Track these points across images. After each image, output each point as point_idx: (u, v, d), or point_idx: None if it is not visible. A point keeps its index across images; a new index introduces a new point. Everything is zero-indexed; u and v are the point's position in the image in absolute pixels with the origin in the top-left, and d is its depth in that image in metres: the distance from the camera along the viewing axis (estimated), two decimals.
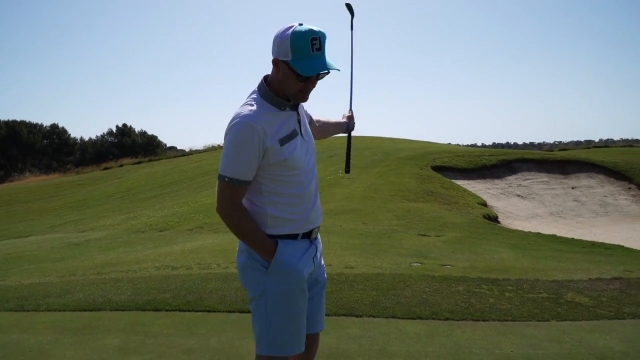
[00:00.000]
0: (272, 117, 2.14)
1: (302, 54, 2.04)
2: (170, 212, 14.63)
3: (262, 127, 2.08)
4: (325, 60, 2.09)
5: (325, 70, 2.09)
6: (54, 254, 9.69)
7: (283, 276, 2.20)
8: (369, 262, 6.91)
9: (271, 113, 2.15)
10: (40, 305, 5.30)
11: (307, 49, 2.04)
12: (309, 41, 2.03)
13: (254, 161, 2.09)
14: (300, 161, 2.21)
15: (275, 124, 2.14)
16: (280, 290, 2.20)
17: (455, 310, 4.74)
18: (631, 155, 22.66)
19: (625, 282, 5.85)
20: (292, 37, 2.03)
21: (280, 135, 2.14)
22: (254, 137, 2.06)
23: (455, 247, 8.44)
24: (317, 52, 2.06)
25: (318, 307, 2.44)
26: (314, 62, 2.06)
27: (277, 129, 2.14)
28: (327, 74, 2.17)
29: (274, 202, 2.20)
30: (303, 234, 2.28)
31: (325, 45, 2.10)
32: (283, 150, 2.13)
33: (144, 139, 63.52)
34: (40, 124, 62.81)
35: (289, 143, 2.15)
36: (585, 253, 8.46)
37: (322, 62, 2.08)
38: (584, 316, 4.64)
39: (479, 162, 18.40)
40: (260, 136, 2.07)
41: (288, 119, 2.20)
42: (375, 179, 15.90)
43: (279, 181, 2.18)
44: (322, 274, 2.46)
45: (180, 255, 7.97)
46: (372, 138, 29.82)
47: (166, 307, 4.99)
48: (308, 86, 2.14)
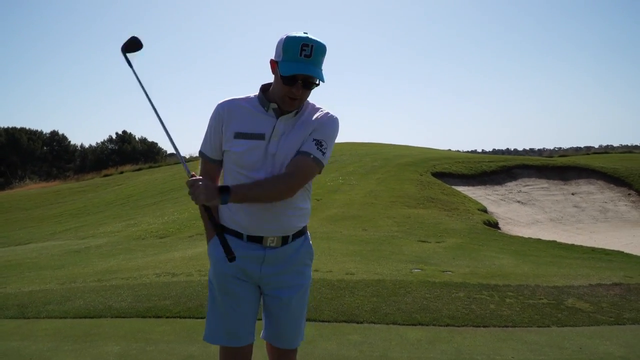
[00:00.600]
0: (247, 112, 2.22)
1: (291, 57, 2.08)
2: (170, 219, 14.63)
3: (227, 112, 2.22)
4: (311, 68, 2.09)
5: (301, 73, 2.08)
6: (54, 261, 9.69)
7: (212, 266, 2.35)
8: (370, 268, 6.91)
9: (249, 108, 2.23)
10: (40, 312, 5.30)
11: (296, 53, 2.07)
12: (300, 46, 2.07)
13: (213, 139, 2.26)
14: (247, 163, 2.19)
15: (244, 117, 2.21)
16: (210, 278, 2.37)
17: (456, 316, 4.74)
18: (631, 162, 22.68)
19: (625, 287, 5.85)
20: (285, 40, 2.10)
21: (240, 129, 2.20)
22: (216, 118, 2.24)
23: (456, 253, 8.44)
24: (304, 58, 2.07)
25: (277, 322, 2.34)
26: (296, 65, 2.08)
27: (242, 122, 2.20)
28: (316, 86, 2.16)
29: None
30: (248, 236, 2.26)
31: (319, 57, 2.10)
32: (233, 142, 2.20)
33: (144, 146, 63.57)
34: (40, 131, 62.93)
35: (243, 140, 2.19)
36: (586, 259, 8.46)
37: (305, 67, 2.08)
38: (584, 322, 4.64)
39: (479, 168, 18.41)
40: (221, 118, 2.22)
41: (262, 121, 2.21)
42: (375, 185, 15.91)
43: (229, 171, 2.27)
44: (284, 290, 2.30)
45: (181, 262, 7.97)
46: (372, 144, 29.86)
47: (167, 314, 4.99)
48: (293, 91, 2.12)
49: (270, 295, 2.32)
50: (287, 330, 2.35)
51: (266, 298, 2.35)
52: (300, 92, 2.12)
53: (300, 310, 2.37)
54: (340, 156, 22.57)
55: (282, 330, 2.35)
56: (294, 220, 2.28)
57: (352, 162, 20.87)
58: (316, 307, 4.96)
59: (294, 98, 2.14)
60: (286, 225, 2.27)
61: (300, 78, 2.11)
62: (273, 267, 2.28)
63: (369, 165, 19.67)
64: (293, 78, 2.10)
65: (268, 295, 2.33)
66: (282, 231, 2.27)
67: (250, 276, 2.29)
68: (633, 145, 46.34)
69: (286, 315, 2.32)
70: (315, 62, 2.09)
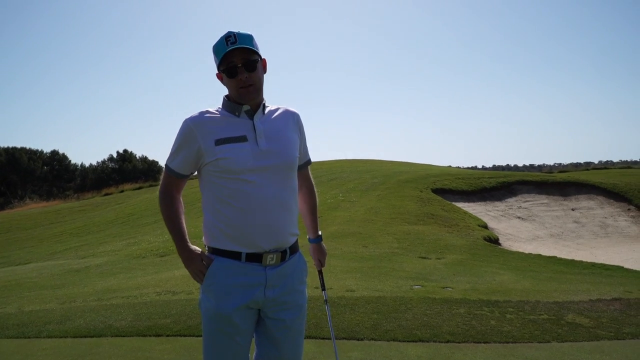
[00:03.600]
0: (219, 119, 2.21)
1: (219, 50, 2.19)
2: (170, 238, 14.60)
3: (199, 125, 2.18)
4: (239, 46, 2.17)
5: (231, 48, 2.14)
6: (54, 280, 9.67)
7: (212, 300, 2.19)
8: (370, 285, 6.91)
9: (220, 116, 2.23)
10: (41, 332, 5.30)
11: (223, 44, 2.18)
12: (224, 40, 2.17)
13: (185, 155, 2.22)
14: (239, 165, 2.13)
15: (218, 125, 2.19)
16: (207, 312, 2.20)
17: (457, 333, 4.74)
18: (630, 177, 22.70)
19: (625, 302, 5.85)
20: (213, 47, 2.22)
21: (218, 136, 2.16)
22: (187, 134, 2.19)
23: (456, 269, 8.43)
24: (231, 45, 2.16)
25: (279, 344, 2.25)
26: (225, 49, 2.16)
27: (218, 130, 2.18)
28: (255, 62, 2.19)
29: (214, 210, 2.21)
30: (247, 254, 2.16)
31: (248, 40, 2.18)
32: (216, 150, 2.14)
33: (144, 165, 63.64)
34: (40, 151, 63.03)
35: (227, 145, 2.15)
36: (586, 274, 8.46)
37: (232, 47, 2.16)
38: (584, 337, 4.64)
39: (479, 185, 18.43)
40: (193, 132, 2.18)
41: (238, 124, 2.21)
42: (375, 202, 15.93)
43: (216, 185, 2.18)
44: (287, 312, 2.25)
45: (181, 280, 7.97)
46: (372, 161, 29.93)
47: (167, 333, 4.98)
48: (240, 78, 2.17)
49: (273, 318, 2.23)
50: (290, 352, 2.27)
51: (268, 321, 2.24)
52: (245, 75, 2.17)
53: (301, 330, 2.32)
54: (340, 173, 22.62)
55: (285, 353, 2.26)
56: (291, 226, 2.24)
57: (352, 179, 20.91)
58: (317, 324, 4.96)
59: (247, 85, 2.18)
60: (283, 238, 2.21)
61: (238, 62, 2.16)
62: (275, 289, 2.20)
63: (369, 182, 19.70)
64: (233, 67, 2.16)
65: (270, 319, 2.23)
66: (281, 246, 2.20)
67: (255, 303, 2.19)
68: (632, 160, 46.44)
69: (288, 337, 2.25)
70: (242, 44, 2.17)
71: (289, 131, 2.29)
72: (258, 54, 2.21)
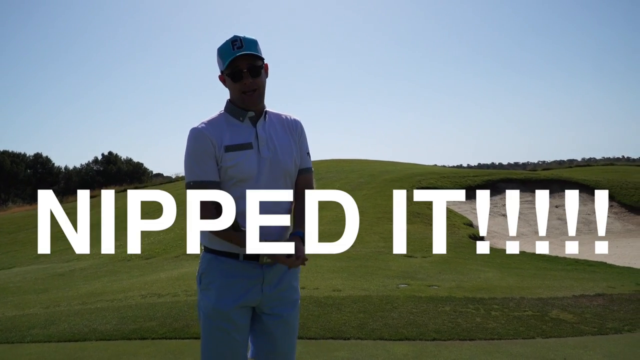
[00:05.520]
0: (225, 125, 2.22)
1: (225, 54, 2.19)
2: (156, 240, 14.52)
3: (210, 131, 2.18)
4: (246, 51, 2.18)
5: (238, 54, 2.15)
6: (38, 285, 9.56)
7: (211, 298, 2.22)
8: (356, 284, 6.93)
9: (225, 122, 2.23)
10: (24, 337, 5.23)
11: (229, 48, 2.18)
12: (230, 44, 2.18)
13: (206, 162, 2.17)
14: (245, 173, 2.18)
15: (224, 131, 2.20)
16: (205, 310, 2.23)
17: (442, 330, 4.77)
18: (613, 174, 23.04)
19: (608, 298, 5.93)
20: (218, 49, 2.22)
21: (226, 142, 2.19)
22: (201, 141, 2.17)
23: (442, 267, 8.49)
24: (237, 50, 2.17)
25: (274, 340, 2.28)
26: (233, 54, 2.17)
27: (225, 137, 2.19)
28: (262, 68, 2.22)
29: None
30: (245, 255, 2.19)
31: (251, 46, 2.19)
32: (226, 156, 2.17)
33: (129, 167, 63.12)
34: (23, 154, 62.21)
35: (234, 152, 2.18)
36: (569, 270, 8.57)
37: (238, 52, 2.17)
38: (568, 333, 4.70)
39: (464, 183, 18.55)
40: (207, 138, 2.17)
41: (243, 131, 2.23)
42: (361, 201, 15.96)
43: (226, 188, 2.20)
44: (283, 307, 2.29)
45: (167, 282, 7.92)
46: (358, 160, 30.00)
47: (152, 336, 4.95)
48: (245, 83, 2.19)
49: (269, 314, 2.28)
50: (285, 347, 2.32)
51: (264, 317, 2.28)
52: (250, 80, 2.19)
53: (295, 326, 2.37)
54: (326, 173, 22.63)
55: (280, 348, 2.30)
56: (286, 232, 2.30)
57: (338, 178, 20.93)
58: (303, 324, 4.96)
59: (250, 90, 2.20)
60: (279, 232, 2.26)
61: (244, 67, 2.18)
62: (272, 286, 2.26)
63: (355, 181, 19.74)
64: (238, 72, 2.18)
65: (267, 314, 2.28)
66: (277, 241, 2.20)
67: (253, 300, 2.24)
68: (615, 157, 47.06)
69: (284, 333, 2.30)
70: (248, 49, 2.18)
71: (287, 139, 2.32)
72: (262, 59, 2.24)
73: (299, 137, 2.37)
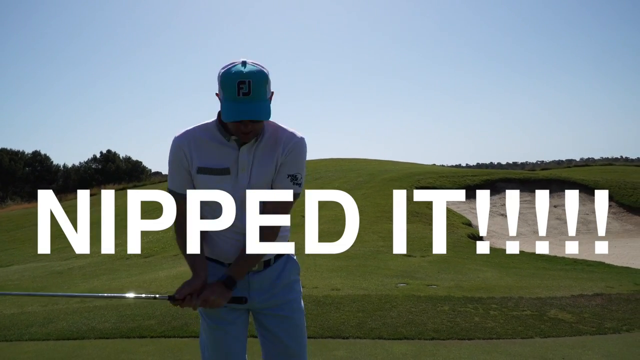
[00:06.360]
0: (207, 143, 2.12)
1: (229, 96, 1.97)
2: (154, 238, 14.51)
3: (187, 145, 2.12)
4: (251, 106, 1.96)
5: (237, 120, 1.97)
6: (37, 283, 9.56)
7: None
8: (355, 283, 6.93)
9: (209, 140, 2.12)
10: (23, 335, 5.23)
11: (234, 92, 1.95)
12: (236, 85, 1.94)
13: (181, 174, 2.16)
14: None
15: (205, 150, 2.11)
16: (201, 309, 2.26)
17: (441, 330, 4.78)
18: (611, 174, 23.09)
19: (606, 298, 5.94)
20: (221, 77, 1.99)
21: (203, 164, 2.11)
22: (177, 154, 2.14)
23: (441, 267, 8.49)
24: (243, 97, 1.94)
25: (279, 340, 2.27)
26: (235, 108, 1.96)
27: (204, 156, 2.11)
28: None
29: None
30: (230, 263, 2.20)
31: (260, 89, 1.96)
32: (198, 177, 2.13)
33: (128, 165, 63.05)
34: (21, 152, 62.15)
35: (207, 175, 2.11)
36: (568, 270, 8.58)
37: (245, 109, 1.95)
38: (566, 332, 4.71)
39: (463, 183, 18.57)
40: (183, 152, 2.12)
41: (224, 152, 2.12)
42: (360, 200, 15.97)
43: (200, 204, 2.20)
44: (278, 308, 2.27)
45: (166, 281, 7.92)
46: (357, 160, 30.01)
47: (151, 334, 4.95)
48: (242, 128, 2.01)
49: (271, 315, 2.27)
50: (293, 346, 2.28)
51: (266, 319, 2.27)
52: (249, 126, 2.02)
53: (301, 324, 2.32)
54: (325, 172, 22.63)
55: (288, 348, 2.27)
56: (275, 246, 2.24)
57: (337, 177, 20.94)
58: None
59: (247, 132, 2.03)
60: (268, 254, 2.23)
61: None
62: (261, 291, 2.23)
63: (354, 180, 19.75)
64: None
65: (265, 315, 2.27)
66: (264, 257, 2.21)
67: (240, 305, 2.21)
68: (613, 157, 47.10)
69: (289, 332, 2.27)
70: (256, 97, 1.96)
71: (270, 162, 2.13)
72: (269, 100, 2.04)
73: (285, 157, 2.13)
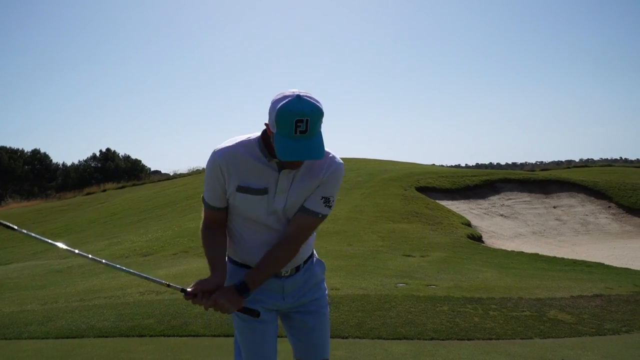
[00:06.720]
0: (248, 162, 2.11)
1: (285, 134, 1.95)
2: (154, 237, 14.51)
3: (226, 163, 2.10)
4: (306, 145, 1.96)
5: (297, 160, 1.98)
6: (36, 281, 9.55)
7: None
8: (355, 283, 6.93)
9: (250, 159, 2.11)
10: (22, 333, 5.22)
11: (291, 130, 1.93)
12: (294, 123, 1.93)
13: (215, 190, 2.16)
14: (253, 215, 2.17)
15: (245, 169, 2.12)
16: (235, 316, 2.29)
17: (440, 330, 4.78)
18: (611, 175, 23.11)
19: (605, 299, 5.95)
20: (277, 114, 1.94)
21: (241, 182, 2.12)
22: (214, 170, 2.13)
23: (440, 267, 8.49)
24: (300, 135, 1.94)
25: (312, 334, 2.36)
26: (293, 146, 1.95)
27: (243, 176, 2.12)
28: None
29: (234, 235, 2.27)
30: None
31: (316, 126, 1.97)
32: (236, 195, 2.14)
33: (127, 164, 63.02)
34: (21, 150, 62.10)
35: (246, 194, 2.13)
36: (567, 271, 8.58)
37: (301, 148, 1.95)
38: (566, 333, 4.71)
39: (462, 183, 18.59)
40: (220, 169, 2.11)
41: (264, 173, 2.12)
42: (360, 200, 15.98)
43: (236, 218, 2.24)
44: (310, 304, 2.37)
45: (165, 279, 7.90)
46: (357, 159, 30.00)
47: (151, 333, 4.95)
48: (293, 163, 2.06)
49: (297, 311, 2.35)
50: (322, 340, 2.39)
51: (294, 315, 2.35)
52: (301, 162, 2.08)
53: (327, 320, 2.41)
54: None
55: (317, 341, 2.37)
56: (302, 253, 2.30)
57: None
58: None
59: (296, 165, 2.08)
60: (298, 260, 2.29)
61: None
62: (294, 293, 2.32)
63: (354, 180, 19.75)
64: None
65: (298, 312, 2.35)
66: (294, 264, 2.29)
67: (275, 306, 2.31)
68: (612, 158, 47.14)
69: (320, 325, 2.37)
70: (312, 134, 1.96)
71: (307, 186, 2.17)
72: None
73: (321, 181, 2.17)
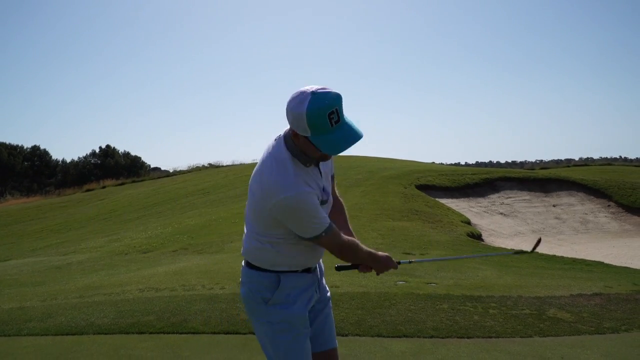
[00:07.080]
0: (304, 175, 2.17)
1: (323, 131, 1.99)
2: (154, 234, 14.51)
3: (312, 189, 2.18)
4: (347, 130, 2.03)
5: (349, 147, 2.04)
6: (35, 277, 9.54)
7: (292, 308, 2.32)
8: (354, 281, 6.92)
9: (302, 171, 2.17)
10: (21, 329, 5.22)
11: (327, 125, 1.98)
12: (327, 117, 1.97)
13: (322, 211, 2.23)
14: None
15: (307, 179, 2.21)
16: (285, 321, 2.30)
17: (440, 328, 4.78)
18: (610, 174, 23.10)
19: (605, 297, 5.95)
20: (307, 116, 1.96)
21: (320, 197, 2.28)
22: (313, 197, 2.16)
23: (440, 265, 8.49)
24: (336, 125, 1.99)
25: (328, 322, 2.53)
26: (336, 138, 2.01)
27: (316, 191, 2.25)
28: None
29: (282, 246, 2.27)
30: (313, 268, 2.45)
31: (342, 108, 2.02)
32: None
33: (127, 160, 63.03)
34: (20, 146, 62.11)
35: (322, 206, 2.28)
36: (567, 270, 8.58)
37: (345, 135, 2.02)
38: (565, 332, 4.71)
39: (462, 181, 18.58)
40: (315, 192, 2.19)
41: (313, 176, 2.23)
42: (360, 198, 15.97)
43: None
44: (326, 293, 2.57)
45: (165, 276, 7.91)
46: (357, 157, 29.98)
47: (150, 330, 4.95)
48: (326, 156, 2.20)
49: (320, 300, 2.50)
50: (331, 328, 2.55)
51: (317, 305, 2.48)
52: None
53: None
54: None
55: (332, 329, 2.54)
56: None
57: (336, 174, 20.89)
58: None
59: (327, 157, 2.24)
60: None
61: None
62: (320, 286, 2.52)
63: (353, 178, 19.74)
64: None
65: (319, 302, 2.49)
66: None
67: (314, 300, 2.45)
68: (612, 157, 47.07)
69: (330, 311, 2.57)
70: (343, 119, 2.03)
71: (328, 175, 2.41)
72: None
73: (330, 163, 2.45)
